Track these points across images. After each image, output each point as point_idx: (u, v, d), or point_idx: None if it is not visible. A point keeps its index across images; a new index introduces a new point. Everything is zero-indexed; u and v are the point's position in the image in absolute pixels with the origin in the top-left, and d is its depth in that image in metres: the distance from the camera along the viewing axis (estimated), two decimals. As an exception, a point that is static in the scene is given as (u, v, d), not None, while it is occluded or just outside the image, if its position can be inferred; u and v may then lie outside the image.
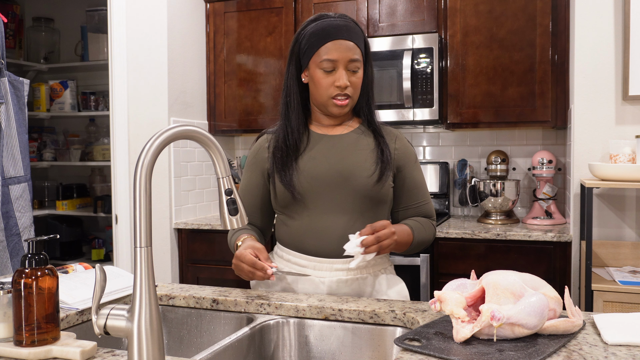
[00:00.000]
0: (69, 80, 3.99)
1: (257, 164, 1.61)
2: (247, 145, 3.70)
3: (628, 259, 2.32)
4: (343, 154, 1.54)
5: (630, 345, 1.06)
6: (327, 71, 1.50)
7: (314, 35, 1.51)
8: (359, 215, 1.52)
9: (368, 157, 1.54)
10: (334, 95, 1.51)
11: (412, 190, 1.60)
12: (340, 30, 1.49)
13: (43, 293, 1.05)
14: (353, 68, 1.50)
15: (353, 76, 1.51)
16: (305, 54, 1.53)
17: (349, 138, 1.57)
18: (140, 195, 0.91)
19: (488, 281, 1.11)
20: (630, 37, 2.32)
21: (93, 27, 3.91)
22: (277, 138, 1.57)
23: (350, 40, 1.49)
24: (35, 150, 4.03)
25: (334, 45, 1.48)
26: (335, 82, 1.49)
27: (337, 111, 1.53)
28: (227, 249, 3.03)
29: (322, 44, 1.49)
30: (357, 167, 1.52)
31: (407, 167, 1.59)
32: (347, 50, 1.49)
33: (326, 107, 1.54)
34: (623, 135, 2.36)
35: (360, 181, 1.50)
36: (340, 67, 1.49)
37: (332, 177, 1.51)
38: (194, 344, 1.46)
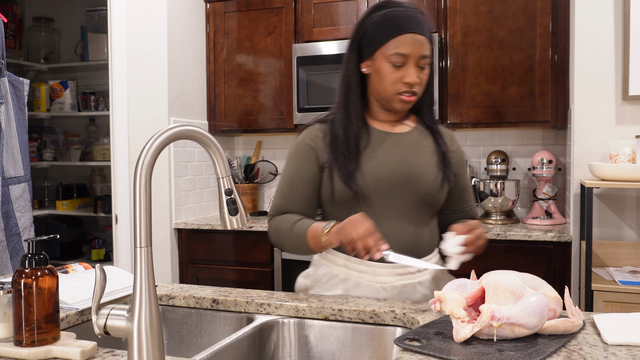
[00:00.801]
0: (69, 80, 3.99)
1: (313, 154, 1.48)
2: (247, 145, 3.70)
3: (628, 259, 2.32)
4: (407, 155, 1.46)
5: (630, 345, 1.06)
6: (396, 66, 1.40)
7: (384, 24, 1.40)
8: (418, 219, 1.46)
9: (430, 159, 1.48)
10: (401, 91, 1.42)
11: (462, 195, 1.56)
12: (414, 23, 1.39)
13: (43, 293, 1.05)
14: (423, 64, 1.42)
15: (422, 73, 1.43)
16: (371, 44, 1.42)
17: (410, 137, 1.50)
18: (140, 195, 0.91)
19: (488, 281, 1.10)
20: (630, 37, 2.32)
21: (93, 27, 3.91)
22: (334, 130, 1.47)
23: (423, 35, 1.40)
24: (35, 150, 4.03)
25: (407, 39, 1.38)
26: (403, 77, 1.40)
27: (401, 107, 1.45)
28: (227, 249, 3.03)
29: (393, 35, 1.39)
30: (421, 170, 1.45)
31: (460, 170, 1.55)
32: (420, 46, 1.39)
33: (390, 102, 1.45)
34: (623, 135, 2.36)
35: (424, 185, 1.44)
36: (411, 63, 1.40)
37: (396, 179, 1.43)
38: (194, 344, 1.46)
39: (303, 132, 1.54)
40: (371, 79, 1.46)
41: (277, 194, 1.53)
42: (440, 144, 1.50)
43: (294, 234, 1.44)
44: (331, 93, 3.03)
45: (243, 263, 3.03)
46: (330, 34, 3.11)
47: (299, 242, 1.43)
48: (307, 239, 1.41)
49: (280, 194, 1.52)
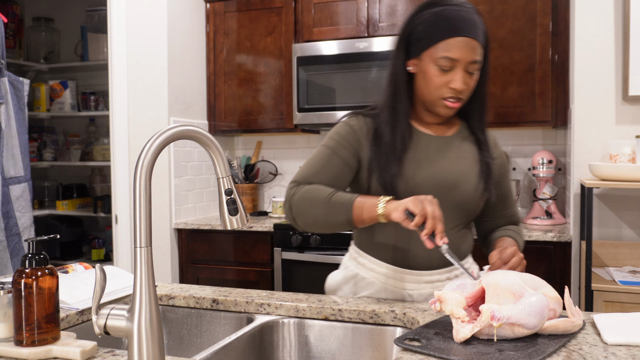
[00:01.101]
0: (69, 80, 3.99)
1: (353, 143, 1.41)
2: (247, 145, 3.71)
3: (628, 259, 2.32)
4: (448, 161, 1.40)
5: (630, 345, 1.06)
6: (443, 70, 1.32)
7: (434, 24, 1.31)
8: (453, 225, 1.41)
9: (472, 167, 1.42)
10: (445, 96, 1.34)
11: (505, 200, 1.51)
12: (467, 25, 1.30)
13: (43, 293, 1.05)
14: (472, 70, 1.33)
15: (470, 78, 1.34)
16: (420, 43, 1.34)
17: (453, 142, 1.44)
18: (140, 195, 0.91)
19: (488, 281, 1.10)
20: (630, 37, 2.32)
21: (93, 27, 3.91)
22: (379, 129, 1.40)
23: (476, 39, 1.31)
24: (35, 150, 4.03)
25: (457, 42, 1.29)
26: (450, 82, 1.32)
27: (444, 112, 1.37)
28: (227, 249, 3.03)
29: (443, 37, 1.30)
30: (462, 178, 1.39)
31: (502, 176, 1.49)
32: (471, 51, 1.30)
33: (433, 106, 1.37)
34: (623, 135, 2.36)
35: (463, 193, 1.39)
36: (459, 68, 1.31)
37: (436, 185, 1.37)
38: (194, 344, 1.46)
39: (348, 118, 1.46)
40: (417, 79, 1.38)
41: (308, 165, 1.43)
42: (484, 153, 1.43)
43: (334, 202, 1.32)
44: (331, 93, 3.03)
45: (243, 263, 3.03)
46: (330, 33, 3.11)
47: (337, 211, 1.32)
48: (353, 208, 1.30)
49: (312, 165, 1.42)
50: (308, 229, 1.40)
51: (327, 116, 3.04)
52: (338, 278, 1.56)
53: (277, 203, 3.27)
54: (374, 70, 2.94)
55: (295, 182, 1.42)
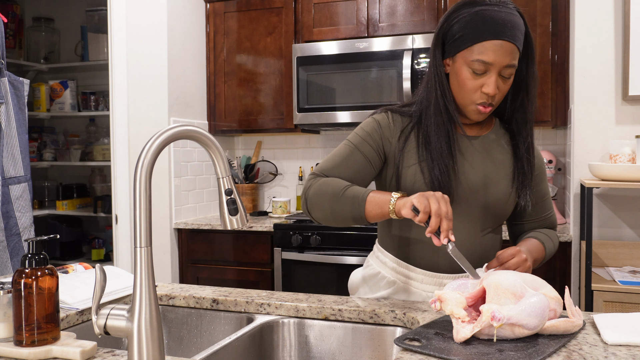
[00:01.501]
0: (69, 80, 3.99)
1: (378, 140, 1.39)
2: (247, 145, 3.71)
3: (628, 259, 2.32)
4: (478, 162, 1.37)
5: (630, 345, 1.06)
6: (476, 73, 1.28)
7: (470, 25, 1.27)
8: (479, 228, 1.38)
9: (504, 169, 1.37)
10: (477, 101, 1.30)
11: (540, 203, 1.46)
12: (505, 28, 1.25)
13: (43, 293, 1.05)
14: (507, 74, 1.29)
15: (504, 83, 1.30)
16: (455, 43, 1.30)
17: (485, 142, 1.40)
18: (140, 195, 0.91)
19: (489, 281, 1.10)
20: (630, 37, 2.32)
21: (93, 27, 3.91)
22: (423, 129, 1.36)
23: (513, 42, 1.26)
24: (35, 150, 4.03)
25: (493, 46, 1.25)
26: (483, 87, 1.28)
27: (475, 117, 1.34)
28: (227, 249, 3.03)
29: (478, 40, 1.26)
30: (492, 180, 1.36)
31: (537, 179, 1.43)
32: (506, 55, 1.25)
33: (465, 109, 1.34)
34: (623, 135, 2.36)
35: (493, 197, 1.35)
36: (493, 72, 1.27)
37: (465, 187, 1.35)
38: (194, 344, 1.46)
39: (377, 114, 1.43)
40: (451, 82, 1.35)
41: (330, 157, 1.40)
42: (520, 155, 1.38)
43: (348, 195, 1.30)
44: (331, 93, 3.03)
45: (243, 263, 3.03)
46: (330, 34, 3.11)
47: (351, 205, 1.29)
48: (365, 202, 1.28)
49: (336, 157, 1.39)
50: (323, 222, 1.37)
51: (327, 116, 3.04)
52: (358, 276, 1.55)
53: (277, 203, 3.27)
54: (374, 70, 2.94)
55: (314, 175, 1.39)
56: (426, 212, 1.17)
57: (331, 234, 2.82)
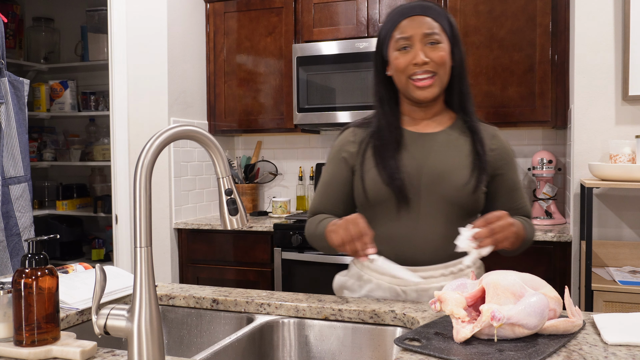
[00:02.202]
0: (69, 80, 3.99)
1: (344, 158, 1.49)
2: (247, 145, 3.71)
3: (628, 259, 2.32)
4: (434, 156, 1.42)
5: (630, 345, 1.06)
6: (403, 49, 1.39)
7: (388, 21, 1.43)
8: (446, 221, 1.41)
9: (463, 161, 1.42)
10: (411, 74, 1.38)
11: (511, 193, 1.49)
12: (414, 7, 1.40)
13: (43, 293, 1.05)
14: (431, 41, 1.37)
15: (433, 51, 1.37)
16: (384, 43, 1.44)
17: (441, 137, 1.45)
18: (140, 195, 0.91)
19: (488, 281, 1.10)
20: (630, 37, 2.32)
21: (93, 27, 3.91)
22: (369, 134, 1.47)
23: (424, 14, 1.39)
24: (35, 150, 4.03)
25: (406, 22, 1.38)
26: (412, 60, 1.37)
27: (420, 94, 1.40)
28: (227, 249, 3.04)
29: (394, 26, 1.40)
30: (450, 172, 1.40)
31: (504, 168, 1.47)
32: (420, 25, 1.37)
33: (408, 91, 1.42)
34: (623, 135, 2.36)
35: (453, 188, 1.39)
36: (417, 43, 1.37)
37: (421, 180, 1.40)
38: (194, 344, 1.46)
39: (340, 135, 1.55)
40: (394, 78, 1.45)
41: (314, 196, 1.56)
42: (476, 144, 1.43)
43: (318, 233, 1.45)
44: (331, 93, 3.03)
45: (243, 263, 3.03)
46: (330, 34, 3.11)
47: (323, 241, 1.42)
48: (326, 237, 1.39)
49: (316, 196, 1.55)
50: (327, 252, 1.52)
51: (327, 116, 3.04)
52: (341, 279, 1.59)
53: (277, 203, 3.27)
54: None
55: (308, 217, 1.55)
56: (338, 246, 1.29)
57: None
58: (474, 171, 1.41)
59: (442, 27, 1.39)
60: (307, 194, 3.50)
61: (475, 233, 1.26)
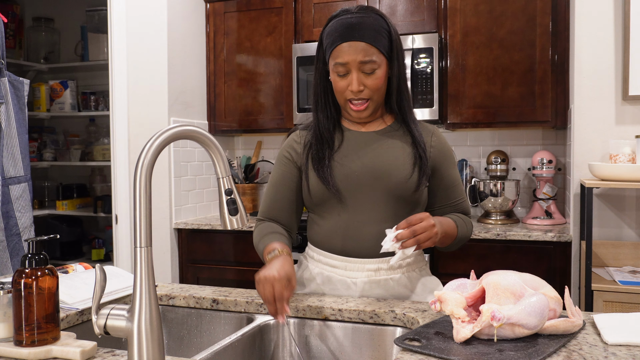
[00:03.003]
0: (69, 80, 3.99)
1: (291, 158, 1.55)
2: (247, 145, 3.71)
3: (628, 259, 2.32)
4: (376, 152, 1.48)
5: (630, 345, 1.06)
6: (340, 75, 1.43)
7: (329, 35, 1.44)
8: (392, 215, 1.46)
9: (403, 157, 1.47)
10: (349, 98, 1.45)
11: (449, 189, 1.55)
12: (353, 30, 1.40)
13: (43, 293, 1.05)
14: (367, 70, 1.41)
15: (368, 78, 1.42)
16: (326, 53, 1.47)
17: (381, 135, 1.51)
18: (140, 195, 0.91)
19: (488, 281, 1.10)
20: (630, 37, 2.32)
21: (93, 27, 3.91)
22: (309, 136, 1.53)
23: (362, 41, 1.39)
24: (35, 150, 4.03)
25: (343, 47, 1.40)
26: (348, 86, 1.43)
27: (356, 115, 1.48)
28: (227, 249, 3.03)
29: (333, 47, 1.42)
30: (392, 167, 1.46)
31: (443, 165, 1.53)
32: (357, 53, 1.39)
33: (346, 109, 1.49)
34: (623, 135, 2.36)
35: (394, 181, 1.45)
36: (353, 70, 1.41)
37: (364, 175, 1.46)
38: (194, 344, 1.46)
39: (287, 138, 1.60)
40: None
41: (263, 199, 1.60)
42: (415, 143, 1.49)
43: (259, 250, 1.55)
44: (331, 93, 3.03)
45: (243, 263, 3.03)
46: (330, 34, 3.10)
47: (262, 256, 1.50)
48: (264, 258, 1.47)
49: (265, 199, 1.59)
50: None
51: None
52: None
53: (277, 203, 3.27)
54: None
55: (258, 220, 1.60)
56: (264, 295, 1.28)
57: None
58: (415, 167, 1.46)
59: (378, 49, 1.41)
60: (307, 194, 3.50)
61: (398, 234, 1.30)
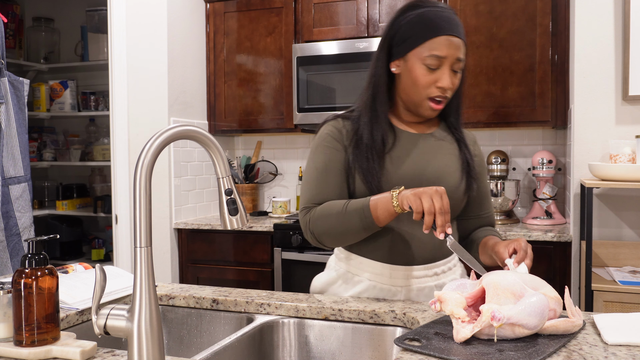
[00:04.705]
0: (69, 80, 3.99)
1: (341, 145, 1.43)
2: (247, 145, 3.71)
3: (628, 259, 2.32)
4: (428, 156, 1.42)
5: (630, 345, 1.06)
6: (431, 68, 1.34)
7: (420, 24, 1.34)
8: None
9: (453, 163, 1.43)
10: (432, 95, 1.36)
11: (481, 200, 1.51)
12: (452, 24, 1.33)
13: (43, 293, 1.05)
14: (457, 69, 1.36)
15: (455, 77, 1.37)
16: (405, 44, 1.36)
17: (432, 139, 1.46)
18: (140, 195, 0.91)
19: (488, 281, 1.10)
20: (630, 37, 2.32)
21: (93, 27, 3.91)
22: (359, 131, 1.42)
23: (460, 38, 1.35)
24: (35, 150, 4.03)
25: (443, 40, 1.32)
26: (437, 81, 1.35)
27: (429, 114, 1.40)
28: (227, 249, 3.03)
29: (430, 36, 1.32)
30: (443, 173, 1.41)
31: (480, 175, 1.50)
32: (456, 49, 1.33)
33: (419, 106, 1.39)
34: (623, 135, 2.36)
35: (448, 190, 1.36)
36: (446, 66, 1.34)
37: (416, 181, 1.38)
38: (194, 344, 1.46)
39: (325, 125, 1.49)
40: (401, 80, 1.40)
41: (308, 186, 1.44)
42: (463, 150, 1.45)
43: (350, 210, 1.33)
44: (331, 93, 3.03)
45: (243, 263, 3.03)
46: (330, 34, 3.11)
47: (359, 218, 1.32)
48: (370, 210, 1.31)
49: (312, 186, 1.43)
50: (336, 245, 1.44)
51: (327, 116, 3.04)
52: (323, 279, 1.54)
53: (277, 203, 3.27)
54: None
55: (306, 208, 1.43)
56: (419, 212, 1.22)
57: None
58: (463, 175, 1.43)
59: (465, 49, 1.38)
60: (307, 194, 3.50)
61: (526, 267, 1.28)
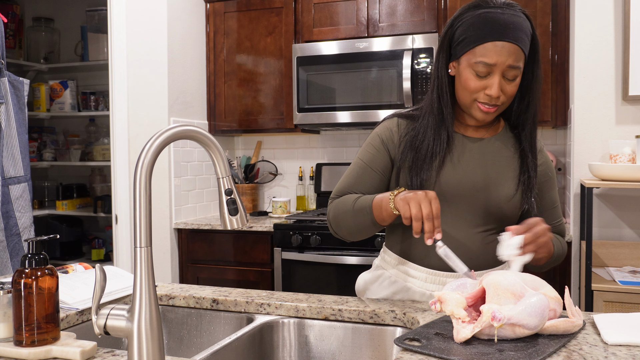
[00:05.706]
0: (69, 80, 3.99)
1: (386, 145, 1.41)
2: (247, 145, 3.71)
3: (628, 259, 2.32)
4: (480, 163, 1.37)
5: (630, 345, 1.06)
6: (480, 75, 1.28)
7: (473, 27, 1.27)
8: (480, 228, 1.37)
9: (508, 172, 1.37)
10: (482, 100, 1.30)
11: (548, 210, 1.44)
12: (507, 29, 1.25)
13: (43, 293, 1.05)
14: (510, 76, 1.27)
15: (509, 84, 1.29)
16: (459, 46, 1.31)
17: (490, 144, 1.39)
18: (140, 195, 0.91)
19: (488, 281, 1.10)
20: (630, 37, 2.32)
21: (93, 27, 3.91)
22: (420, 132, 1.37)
23: (515, 43, 1.25)
24: (35, 150, 4.03)
25: (494, 47, 1.25)
26: (486, 89, 1.28)
27: (481, 117, 1.33)
28: (227, 249, 3.03)
29: (480, 42, 1.26)
30: (494, 181, 1.35)
31: (546, 185, 1.42)
32: (508, 56, 1.25)
33: (469, 109, 1.34)
34: (623, 135, 2.36)
35: (495, 198, 1.34)
36: (496, 74, 1.27)
37: (460, 186, 1.35)
38: (194, 344, 1.46)
39: (383, 122, 1.45)
40: (456, 83, 1.35)
41: (344, 177, 1.44)
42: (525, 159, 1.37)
43: (358, 207, 1.34)
44: (331, 93, 3.03)
45: (243, 263, 3.03)
46: (330, 34, 3.11)
47: (363, 215, 1.32)
48: (372, 209, 1.30)
49: (349, 177, 1.43)
50: (352, 238, 1.42)
51: (327, 116, 3.04)
52: (366, 278, 1.54)
53: (277, 203, 3.27)
54: (374, 70, 2.94)
55: (332, 198, 1.44)
56: (407, 217, 1.20)
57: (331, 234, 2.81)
58: (519, 186, 1.36)
59: (525, 54, 1.29)
60: (307, 194, 3.50)
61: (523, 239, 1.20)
